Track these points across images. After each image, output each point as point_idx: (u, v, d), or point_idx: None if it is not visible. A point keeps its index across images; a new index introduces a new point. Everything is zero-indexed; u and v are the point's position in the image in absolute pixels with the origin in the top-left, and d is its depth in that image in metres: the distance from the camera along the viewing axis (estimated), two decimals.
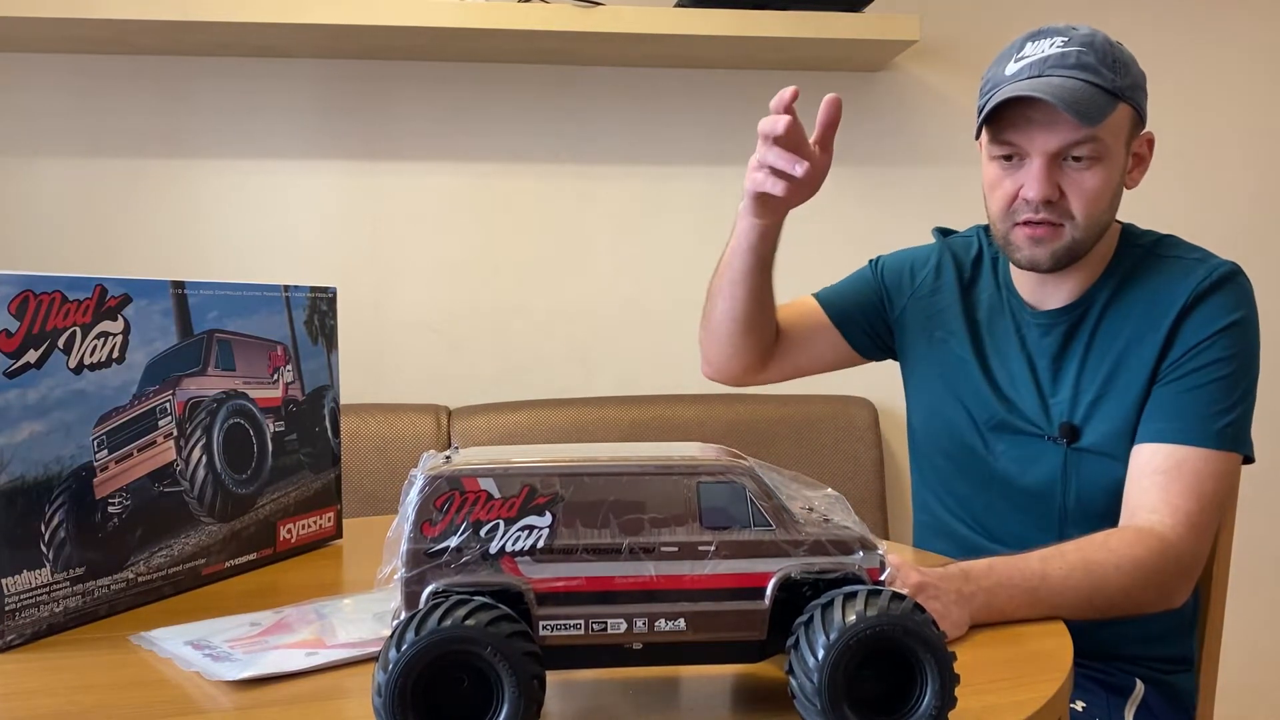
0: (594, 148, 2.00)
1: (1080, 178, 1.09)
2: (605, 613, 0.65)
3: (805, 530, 0.67)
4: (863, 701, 0.63)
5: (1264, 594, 2.20)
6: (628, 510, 0.66)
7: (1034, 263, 1.13)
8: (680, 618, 0.66)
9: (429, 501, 0.66)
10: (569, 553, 0.65)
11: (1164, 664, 1.20)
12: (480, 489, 0.66)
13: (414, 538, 0.66)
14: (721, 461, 0.68)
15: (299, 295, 1.17)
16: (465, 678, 0.62)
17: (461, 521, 0.66)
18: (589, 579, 0.65)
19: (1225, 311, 1.11)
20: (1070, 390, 1.16)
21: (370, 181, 1.94)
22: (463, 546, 0.65)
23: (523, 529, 0.66)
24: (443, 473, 0.66)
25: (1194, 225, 2.15)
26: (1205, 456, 1.06)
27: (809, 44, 1.85)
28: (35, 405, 0.87)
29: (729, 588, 0.66)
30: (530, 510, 0.66)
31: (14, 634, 0.86)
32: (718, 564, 0.66)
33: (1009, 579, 0.94)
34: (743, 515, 0.67)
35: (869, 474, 1.92)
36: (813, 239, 2.05)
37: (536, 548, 0.65)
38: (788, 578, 0.66)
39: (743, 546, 0.66)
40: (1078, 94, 1.04)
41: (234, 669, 0.78)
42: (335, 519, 1.24)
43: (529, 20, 1.75)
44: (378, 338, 1.96)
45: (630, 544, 0.66)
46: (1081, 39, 1.09)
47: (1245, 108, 2.18)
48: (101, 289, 0.92)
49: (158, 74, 1.87)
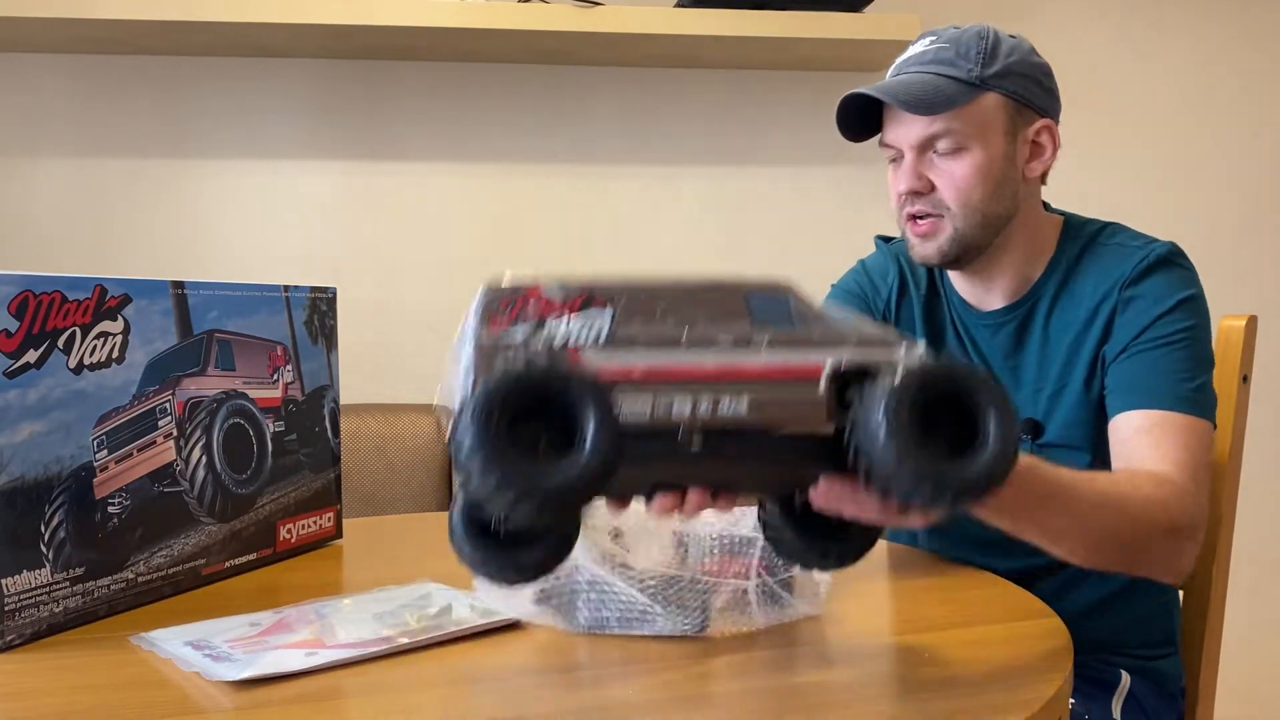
0: (594, 148, 2.00)
1: (948, 167, 1.11)
2: (668, 395, 0.65)
3: (845, 328, 0.70)
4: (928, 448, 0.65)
5: (1264, 594, 2.20)
6: (683, 310, 0.68)
7: (925, 258, 1.15)
8: (742, 399, 0.66)
9: (493, 303, 0.67)
10: (629, 344, 0.66)
11: (1148, 648, 1.20)
12: (542, 295, 0.67)
13: (481, 335, 0.66)
14: (767, 277, 0.72)
15: (299, 295, 1.17)
16: (545, 426, 0.62)
17: (528, 316, 0.67)
18: (650, 367, 0.66)
19: (1178, 287, 1.11)
20: (1031, 387, 1.17)
21: (370, 181, 1.94)
22: (528, 341, 0.66)
23: (584, 324, 0.67)
24: (503, 284, 0.68)
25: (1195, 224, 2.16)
26: (1180, 419, 1.06)
27: (809, 44, 1.85)
28: (35, 405, 0.87)
29: (784, 377, 0.67)
30: (589, 306, 0.67)
31: (14, 634, 0.86)
32: (772, 354, 0.68)
33: (1025, 463, 0.85)
34: (789, 319, 0.70)
35: None
36: (813, 240, 2.06)
37: (599, 339, 0.66)
38: (838, 368, 0.68)
39: (794, 339, 0.69)
40: (916, 87, 1.08)
41: (234, 669, 0.78)
42: (335, 519, 1.24)
43: (529, 20, 1.75)
44: (378, 338, 1.96)
45: (689, 335, 0.67)
46: (950, 37, 1.12)
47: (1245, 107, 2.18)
48: (101, 289, 0.92)
49: (158, 74, 1.87)
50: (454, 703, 0.75)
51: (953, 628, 0.91)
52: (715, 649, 0.86)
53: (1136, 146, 2.14)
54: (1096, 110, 2.11)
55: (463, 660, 0.83)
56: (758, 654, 0.85)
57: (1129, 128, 2.14)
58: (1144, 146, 2.14)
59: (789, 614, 0.93)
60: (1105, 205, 2.12)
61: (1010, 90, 1.11)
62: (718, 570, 0.89)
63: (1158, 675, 1.20)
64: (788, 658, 0.85)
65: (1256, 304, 2.16)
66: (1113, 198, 2.12)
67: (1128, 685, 1.17)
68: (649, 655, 0.84)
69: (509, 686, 0.79)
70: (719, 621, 0.89)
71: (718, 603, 0.88)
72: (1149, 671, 1.19)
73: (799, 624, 0.92)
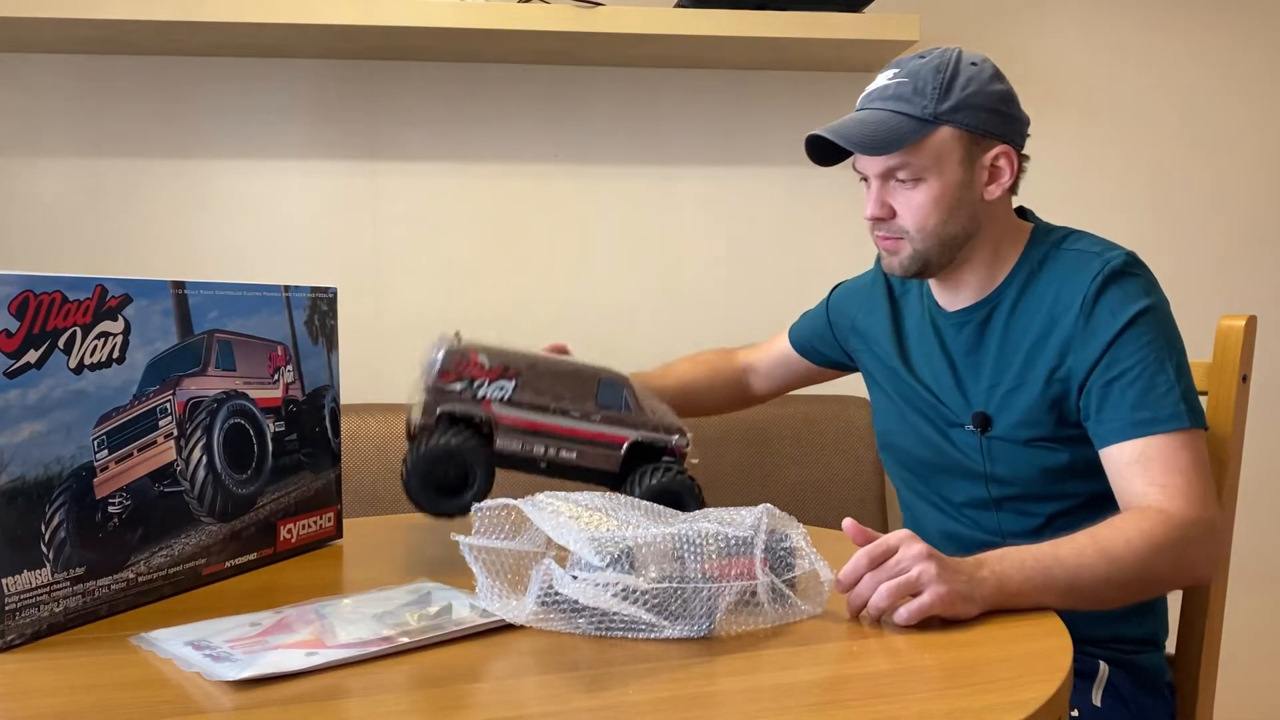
0: (594, 148, 2.00)
1: (908, 196, 1.19)
2: (533, 440, 1.14)
3: (649, 418, 1.18)
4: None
5: (1264, 594, 2.20)
6: (558, 386, 1.15)
7: (890, 270, 1.25)
8: (574, 450, 1.15)
9: (447, 361, 1.13)
10: (520, 404, 1.14)
11: (1128, 645, 1.23)
12: (476, 360, 1.13)
13: (435, 382, 1.12)
14: (615, 371, 1.18)
15: (299, 295, 1.17)
16: (454, 469, 1.11)
17: (464, 375, 1.13)
18: (528, 421, 1.14)
19: (1128, 302, 1.13)
20: (987, 382, 1.22)
21: (370, 181, 1.94)
22: (462, 390, 1.13)
23: (497, 386, 1.13)
24: (456, 347, 1.14)
25: (1195, 224, 2.16)
26: (1164, 440, 1.10)
27: (809, 44, 1.85)
28: (35, 405, 0.87)
29: (603, 440, 1.16)
30: (503, 376, 1.13)
31: (14, 634, 0.86)
32: (600, 426, 1.16)
33: (1021, 560, 0.97)
34: (620, 402, 1.17)
35: (869, 474, 1.92)
36: (814, 240, 2.06)
37: (504, 398, 1.13)
38: (634, 441, 1.17)
39: (614, 419, 1.16)
40: (871, 126, 1.16)
41: (234, 669, 0.78)
42: (335, 519, 1.24)
43: (529, 20, 1.75)
44: (378, 338, 1.96)
45: (555, 405, 1.15)
46: (910, 70, 1.18)
47: (1245, 107, 2.18)
48: (102, 289, 0.92)
49: (158, 74, 1.87)
50: (454, 703, 0.75)
51: (953, 627, 0.91)
52: (717, 648, 0.86)
53: (1134, 146, 2.14)
54: (1093, 110, 2.11)
55: (463, 660, 0.83)
56: (760, 653, 0.85)
57: (1126, 127, 2.14)
58: (1142, 146, 2.14)
59: (792, 613, 0.93)
60: (1104, 205, 2.13)
61: (964, 123, 1.16)
62: (719, 573, 0.89)
63: (1136, 668, 1.23)
64: (790, 657, 0.85)
65: (1256, 304, 2.16)
66: (1112, 197, 2.13)
67: (1106, 674, 1.20)
68: (650, 655, 0.84)
69: (509, 686, 0.79)
70: (725, 623, 0.89)
71: (723, 604, 0.88)
72: (1127, 664, 1.22)
73: (801, 623, 0.92)
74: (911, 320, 1.34)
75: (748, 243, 2.04)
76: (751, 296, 2.04)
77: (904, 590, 0.91)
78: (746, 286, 2.04)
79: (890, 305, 1.37)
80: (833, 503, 1.89)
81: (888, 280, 1.38)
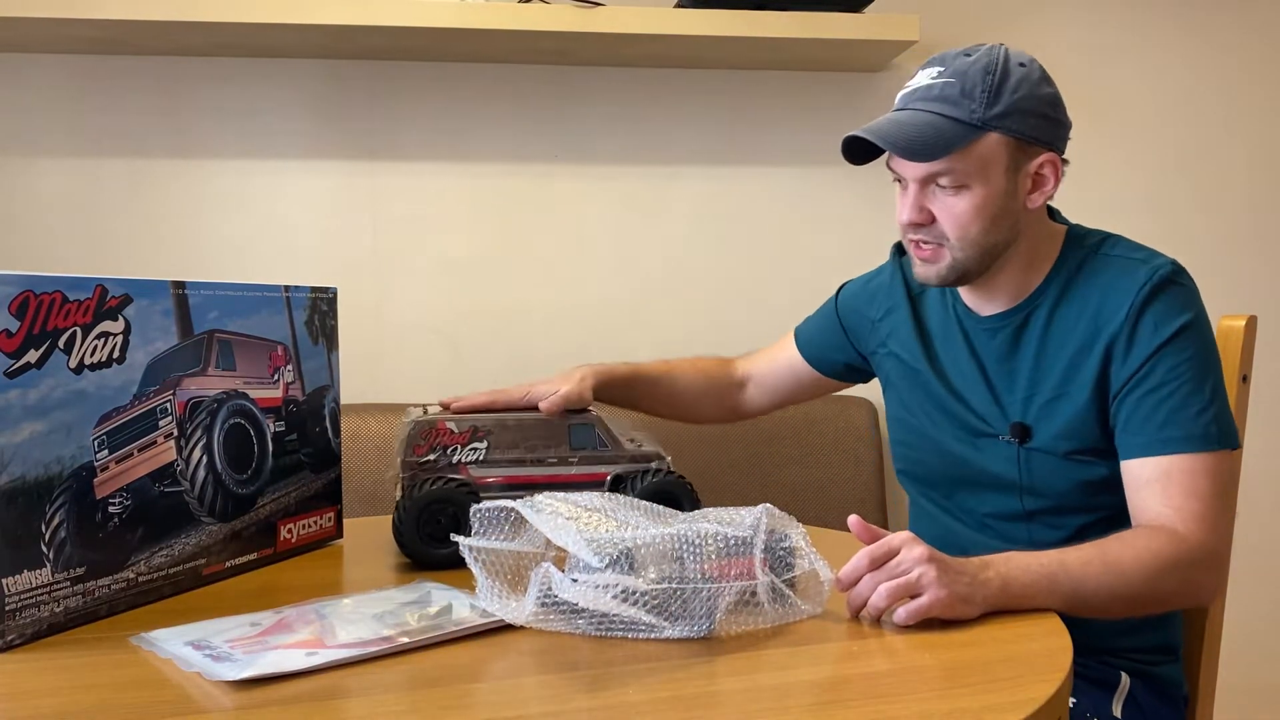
0: (594, 148, 2.00)
1: (950, 202, 1.12)
2: (516, 494, 1.08)
3: (626, 450, 1.18)
4: None
5: (1264, 594, 2.20)
6: (530, 438, 1.16)
7: (925, 280, 1.18)
8: None
9: (415, 435, 1.15)
10: (494, 463, 1.16)
11: (1148, 654, 1.21)
12: (446, 428, 1.15)
13: (408, 455, 1.15)
14: (583, 412, 1.21)
15: (299, 295, 1.17)
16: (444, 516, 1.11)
17: (436, 445, 1.15)
18: (508, 476, 1.16)
19: (1173, 315, 1.11)
20: (1024, 391, 1.18)
21: (370, 181, 1.94)
22: (437, 459, 1.15)
23: (470, 449, 1.15)
24: (423, 419, 1.16)
25: (1194, 224, 2.16)
26: (1190, 459, 1.08)
27: (809, 44, 1.85)
28: (36, 405, 0.87)
29: (584, 480, 1.17)
30: (474, 439, 1.15)
31: (14, 634, 0.86)
32: (579, 468, 1.17)
33: (1025, 565, 0.97)
34: (593, 441, 1.18)
35: (869, 474, 1.92)
36: (814, 240, 2.06)
37: (479, 460, 1.15)
38: (616, 474, 1.17)
39: (591, 458, 1.17)
40: (914, 130, 1.09)
41: (234, 669, 0.78)
42: (335, 519, 1.24)
43: (529, 20, 1.74)
44: (378, 338, 1.96)
45: (530, 457, 1.16)
46: (957, 70, 1.11)
47: (1246, 107, 2.18)
48: (102, 289, 0.92)
49: (158, 74, 1.87)
50: (454, 703, 0.75)
51: (953, 627, 0.91)
52: (717, 648, 0.86)
53: (1136, 146, 2.14)
54: (1093, 110, 2.11)
55: (463, 660, 0.83)
56: (760, 653, 0.85)
57: (1126, 127, 2.14)
58: (1143, 146, 2.14)
59: (792, 613, 0.93)
60: (1104, 205, 2.12)
61: (1013, 130, 1.11)
62: (719, 574, 0.89)
63: (1157, 679, 1.21)
64: (790, 657, 0.85)
65: (1256, 304, 2.16)
66: (1112, 198, 2.13)
67: (1127, 686, 1.18)
68: (650, 655, 0.84)
69: (509, 686, 0.79)
70: (725, 623, 0.89)
71: (723, 605, 0.88)
72: (1148, 675, 1.20)
73: (801, 623, 0.92)
74: (935, 321, 1.29)
75: (747, 243, 2.04)
76: (751, 297, 2.04)
77: (903, 592, 0.91)
78: (746, 286, 2.04)
79: (910, 305, 1.31)
80: (833, 503, 1.89)
81: (906, 277, 1.33)
